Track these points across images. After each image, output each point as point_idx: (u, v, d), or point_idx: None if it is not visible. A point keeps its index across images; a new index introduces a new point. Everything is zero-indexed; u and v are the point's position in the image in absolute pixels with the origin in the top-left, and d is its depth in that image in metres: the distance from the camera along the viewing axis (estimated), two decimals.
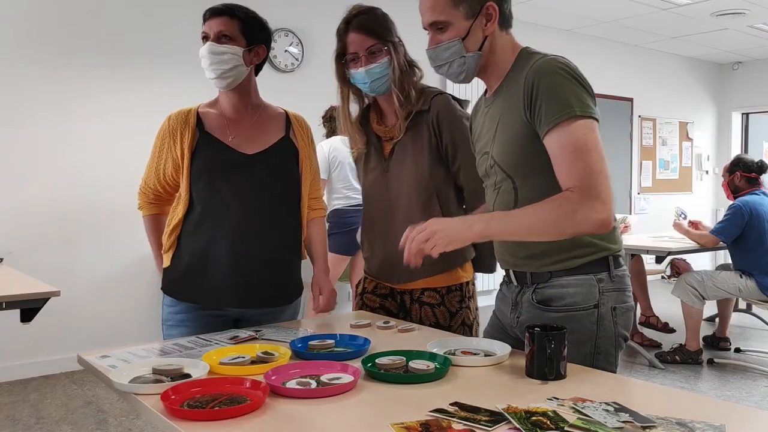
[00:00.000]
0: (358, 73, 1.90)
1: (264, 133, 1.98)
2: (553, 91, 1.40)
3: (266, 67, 4.66)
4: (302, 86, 5.19)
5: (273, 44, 2.07)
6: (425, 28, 1.56)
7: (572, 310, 1.51)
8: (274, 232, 1.95)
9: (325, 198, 3.35)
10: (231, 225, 1.89)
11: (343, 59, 1.94)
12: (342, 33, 1.92)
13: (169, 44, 4.70)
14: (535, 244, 1.52)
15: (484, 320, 1.81)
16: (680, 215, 5.02)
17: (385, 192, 2.01)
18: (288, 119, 2.05)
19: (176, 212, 1.95)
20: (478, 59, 1.53)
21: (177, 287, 1.95)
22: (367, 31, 1.89)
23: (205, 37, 1.90)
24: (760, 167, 4.52)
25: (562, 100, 1.39)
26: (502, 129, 1.53)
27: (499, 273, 1.73)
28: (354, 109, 2.07)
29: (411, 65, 1.97)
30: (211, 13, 1.90)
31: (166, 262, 1.97)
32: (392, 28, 1.95)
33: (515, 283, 1.62)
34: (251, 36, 1.92)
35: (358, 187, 2.22)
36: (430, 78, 1.93)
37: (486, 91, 1.65)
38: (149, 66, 4.65)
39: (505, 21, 1.55)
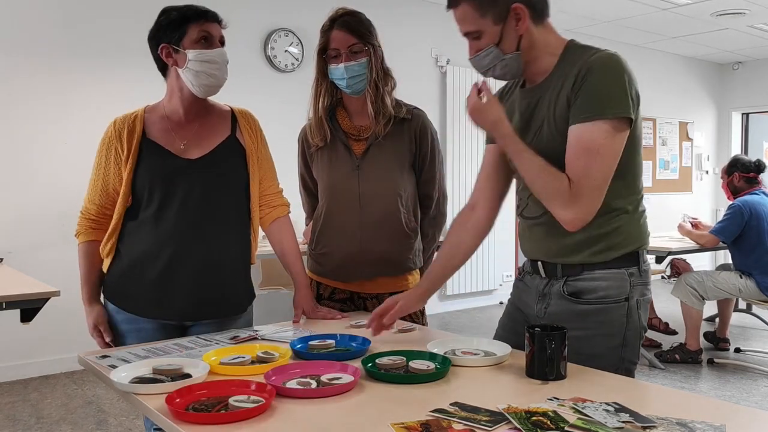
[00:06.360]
0: (338, 69, 1.94)
1: (210, 134, 1.88)
2: (594, 88, 1.43)
3: (266, 67, 4.69)
4: (302, 86, 5.14)
5: (273, 44, 2.07)
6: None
7: (604, 302, 1.53)
8: (219, 238, 1.83)
9: None
10: (172, 231, 1.79)
11: (325, 54, 1.99)
12: (326, 30, 1.98)
13: None
14: (570, 236, 1.52)
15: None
16: (685, 219, 5.03)
17: (354, 189, 2.02)
18: (234, 117, 1.94)
19: (114, 217, 1.83)
20: (519, 58, 1.54)
21: (116, 294, 1.84)
22: (351, 30, 1.95)
23: (207, 38, 1.78)
24: (757, 166, 4.52)
25: (598, 100, 1.42)
26: (548, 123, 1.53)
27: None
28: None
29: (386, 72, 2.04)
30: (212, 17, 1.80)
31: (105, 268, 1.86)
32: (374, 33, 2.00)
33: (543, 275, 1.62)
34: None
35: None
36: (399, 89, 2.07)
37: (523, 83, 1.64)
38: (150, 67, 4.64)
39: (539, 14, 1.55)
